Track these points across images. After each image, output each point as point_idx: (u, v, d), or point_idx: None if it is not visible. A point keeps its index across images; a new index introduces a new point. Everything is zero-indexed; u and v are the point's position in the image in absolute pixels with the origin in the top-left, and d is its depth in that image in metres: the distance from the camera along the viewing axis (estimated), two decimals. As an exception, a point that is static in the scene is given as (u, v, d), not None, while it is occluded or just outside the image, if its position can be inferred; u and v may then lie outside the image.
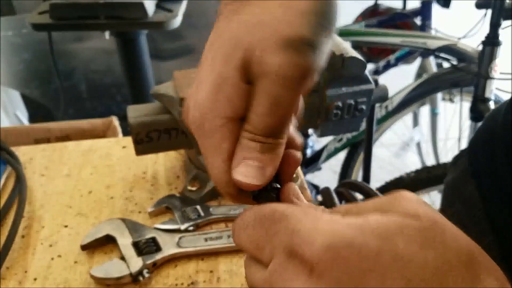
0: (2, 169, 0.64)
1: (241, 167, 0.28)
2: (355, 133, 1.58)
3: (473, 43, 1.39)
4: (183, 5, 1.24)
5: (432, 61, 1.72)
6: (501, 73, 1.28)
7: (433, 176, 1.36)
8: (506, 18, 1.21)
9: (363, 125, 1.03)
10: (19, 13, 1.58)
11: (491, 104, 1.29)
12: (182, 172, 0.65)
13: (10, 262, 0.51)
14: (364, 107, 0.58)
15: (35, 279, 0.49)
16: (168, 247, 0.51)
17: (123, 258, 0.49)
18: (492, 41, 1.23)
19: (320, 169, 1.76)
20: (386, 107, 1.57)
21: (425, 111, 1.86)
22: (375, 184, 1.52)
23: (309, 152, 1.79)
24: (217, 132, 0.28)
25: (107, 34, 1.26)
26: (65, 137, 0.91)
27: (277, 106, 0.27)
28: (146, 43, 1.33)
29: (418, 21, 1.75)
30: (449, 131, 1.74)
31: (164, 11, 1.18)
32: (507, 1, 1.19)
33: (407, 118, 1.82)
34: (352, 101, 0.56)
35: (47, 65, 1.54)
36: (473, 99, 1.32)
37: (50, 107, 1.75)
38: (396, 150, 2.27)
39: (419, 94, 1.56)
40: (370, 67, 1.84)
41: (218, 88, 0.27)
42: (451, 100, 1.61)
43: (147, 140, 0.57)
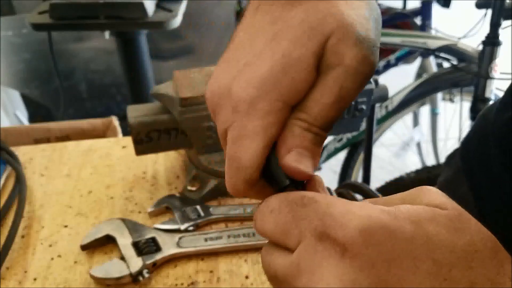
0: (2, 169, 0.64)
1: (293, 155, 0.26)
2: (355, 133, 1.58)
3: (473, 43, 1.40)
4: (183, 5, 1.24)
5: (432, 61, 1.72)
6: (501, 73, 1.28)
7: (433, 176, 1.36)
8: (506, 18, 1.21)
9: (363, 125, 1.03)
10: (19, 13, 1.58)
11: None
12: (182, 172, 0.65)
13: (10, 262, 0.51)
14: (364, 107, 0.58)
15: (35, 279, 0.49)
16: (168, 247, 0.51)
17: (123, 258, 0.49)
18: (492, 41, 1.23)
19: (320, 169, 1.76)
20: (386, 107, 1.57)
21: (425, 111, 1.85)
22: (375, 184, 1.52)
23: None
24: (271, 115, 0.26)
25: (107, 34, 1.26)
26: (65, 137, 0.91)
27: (341, 99, 0.26)
28: (146, 43, 1.33)
29: (418, 21, 1.74)
30: (449, 131, 1.74)
31: (164, 11, 1.18)
32: (507, 1, 1.19)
33: (407, 118, 1.82)
34: (352, 101, 0.56)
35: (47, 65, 1.54)
36: (473, 99, 1.32)
37: (50, 107, 1.74)
38: (396, 150, 2.27)
39: (419, 94, 1.56)
40: (370, 67, 1.84)
41: (285, 70, 0.26)
42: (451, 100, 1.61)
43: (147, 140, 0.57)
